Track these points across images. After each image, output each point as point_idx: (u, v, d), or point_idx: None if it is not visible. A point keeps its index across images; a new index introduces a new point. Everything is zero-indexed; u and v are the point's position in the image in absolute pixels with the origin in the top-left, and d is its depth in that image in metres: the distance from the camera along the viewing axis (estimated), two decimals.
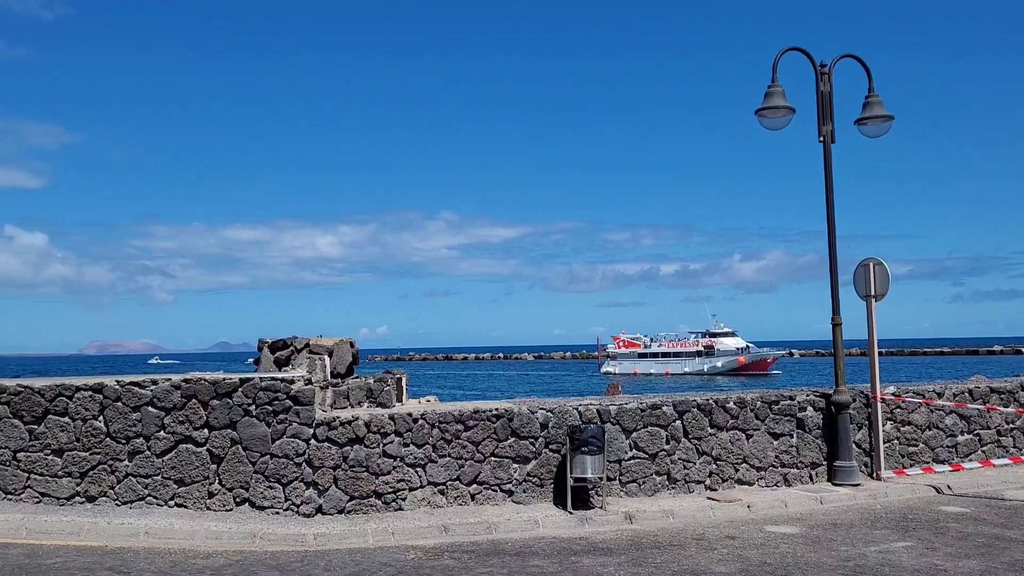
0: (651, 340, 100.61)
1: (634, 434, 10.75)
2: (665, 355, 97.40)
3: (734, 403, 11.32)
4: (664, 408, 10.96)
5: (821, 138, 11.93)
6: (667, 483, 10.82)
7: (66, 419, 9.64)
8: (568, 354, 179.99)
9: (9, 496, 9.54)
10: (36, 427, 9.64)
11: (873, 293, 12.11)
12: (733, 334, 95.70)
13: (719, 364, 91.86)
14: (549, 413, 10.53)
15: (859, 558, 7.94)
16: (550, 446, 10.44)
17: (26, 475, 9.58)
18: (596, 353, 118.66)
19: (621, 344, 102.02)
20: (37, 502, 9.52)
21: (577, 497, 10.10)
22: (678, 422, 10.98)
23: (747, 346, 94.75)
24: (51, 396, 9.67)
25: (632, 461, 10.71)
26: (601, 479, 10.13)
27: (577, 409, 10.64)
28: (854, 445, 11.65)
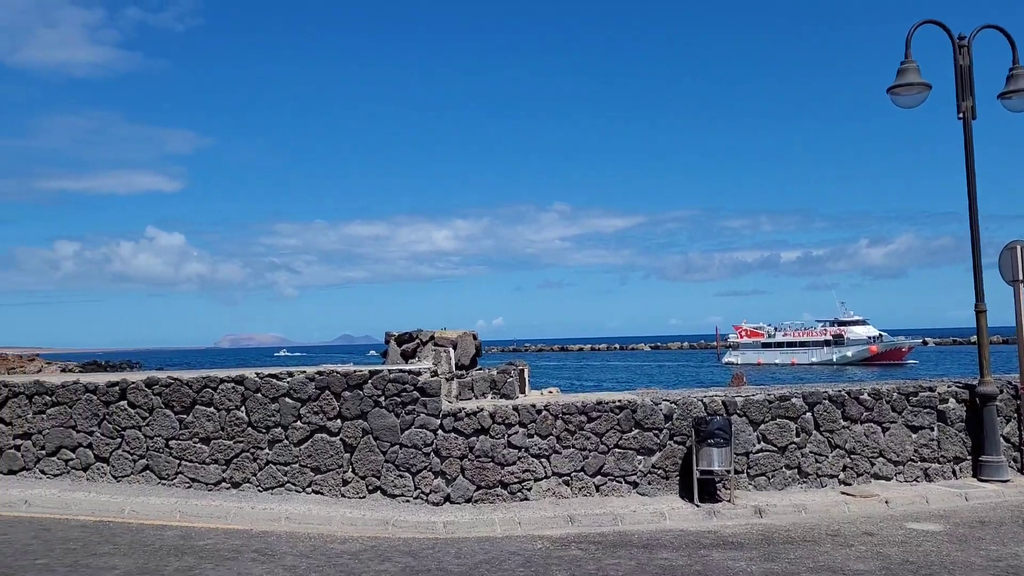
0: (775, 329, 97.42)
1: (762, 426, 10.51)
2: (790, 345, 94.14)
3: (868, 395, 10.89)
4: (793, 400, 10.65)
5: (960, 115, 11.28)
6: (797, 477, 10.52)
7: (211, 409, 10.26)
8: (685, 344, 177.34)
9: (163, 481, 10.24)
10: (185, 416, 10.30)
11: (1021, 278, 11.38)
12: (864, 322, 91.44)
13: (849, 354, 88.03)
14: (673, 405, 10.43)
15: (1011, 558, 7.52)
16: (675, 438, 10.35)
17: (177, 461, 10.26)
18: (715, 343, 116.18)
19: (743, 333, 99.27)
20: (188, 487, 10.18)
21: (704, 490, 9.97)
22: (808, 414, 10.65)
23: (879, 335, 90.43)
24: (198, 387, 10.31)
25: (760, 454, 10.47)
26: (728, 472, 9.96)
27: (702, 400, 10.50)
28: (1002, 439, 11.00)
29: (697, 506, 9.73)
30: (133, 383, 10.41)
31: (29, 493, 9.68)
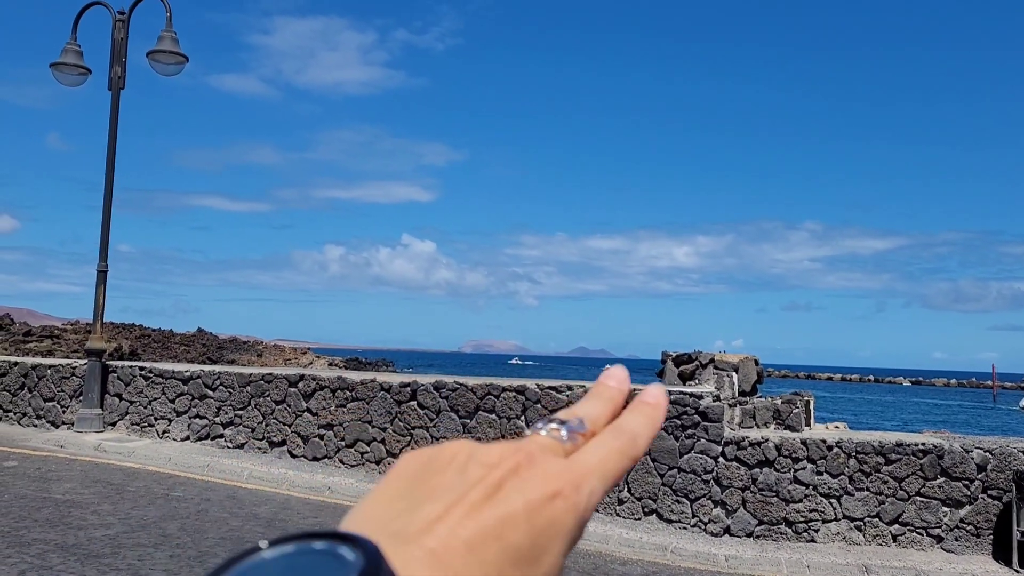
0: None
1: None
2: None
3: None
4: None
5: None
6: None
7: (493, 416, 10.75)
8: (952, 381, 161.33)
9: None
10: (468, 421, 10.88)
11: None
12: None
13: None
14: (987, 454, 9.45)
15: None
16: (989, 491, 9.37)
17: None
18: (989, 383, 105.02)
19: None
20: None
21: None
22: None
23: None
24: (481, 394, 10.85)
25: None
26: None
27: (1023, 452, 9.43)
28: None
29: (1016, 572, 8.75)
30: (423, 385, 11.16)
31: (331, 480, 10.67)
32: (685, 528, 9.75)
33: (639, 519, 9.95)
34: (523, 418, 10.59)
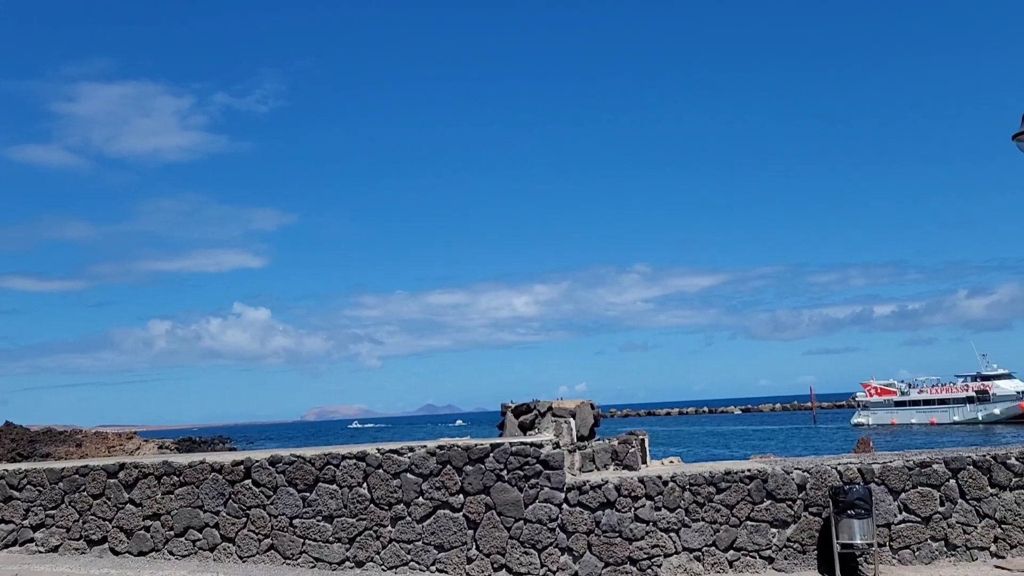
0: (908, 386, 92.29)
1: (903, 495, 10.17)
2: (927, 403, 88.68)
3: (1016, 459, 10.41)
4: (935, 466, 10.28)
5: None
6: (944, 549, 10.09)
7: (334, 486, 10.52)
8: (778, 406, 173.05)
9: (288, 560, 10.49)
10: (308, 494, 10.58)
11: None
12: (1010, 376, 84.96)
13: (997, 411, 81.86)
14: (805, 473, 10.21)
15: None
16: (810, 509, 10.10)
17: (301, 540, 10.51)
18: (809, 404, 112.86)
19: (873, 392, 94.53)
20: (312, 566, 10.40)
21: (845, 565, 9.68)
22: (952, 481, 10.25)
23: None
24: (320, 464, 10.60)
25: (903, 525, 10.10)
26: (871, 545, 9.64)
27: (836, 469, 10.24)
28: None
29: None
30: (257, 461, 10.78)
31: (161, 575, 10.03)
32: None
33: None
34: (365, 485, 10.42)
